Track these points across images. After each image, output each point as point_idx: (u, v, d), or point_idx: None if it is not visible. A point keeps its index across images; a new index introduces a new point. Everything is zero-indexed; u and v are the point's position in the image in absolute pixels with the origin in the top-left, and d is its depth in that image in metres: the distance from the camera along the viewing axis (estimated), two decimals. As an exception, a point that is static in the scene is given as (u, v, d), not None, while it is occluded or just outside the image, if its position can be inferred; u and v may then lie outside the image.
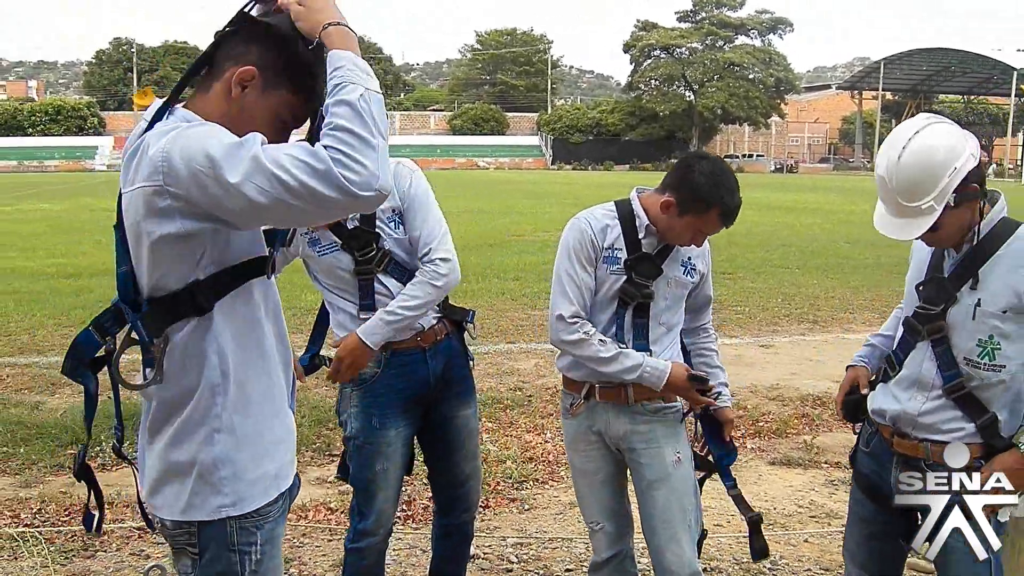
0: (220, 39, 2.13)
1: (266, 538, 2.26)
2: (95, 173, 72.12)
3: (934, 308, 2.85)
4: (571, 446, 3.51)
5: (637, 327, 3.32)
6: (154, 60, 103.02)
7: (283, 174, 1.84)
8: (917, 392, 2.90)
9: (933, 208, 2.68)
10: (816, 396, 7.85)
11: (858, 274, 15.00)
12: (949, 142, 2.68)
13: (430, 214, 3.46)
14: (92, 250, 17.53)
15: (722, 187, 3.13)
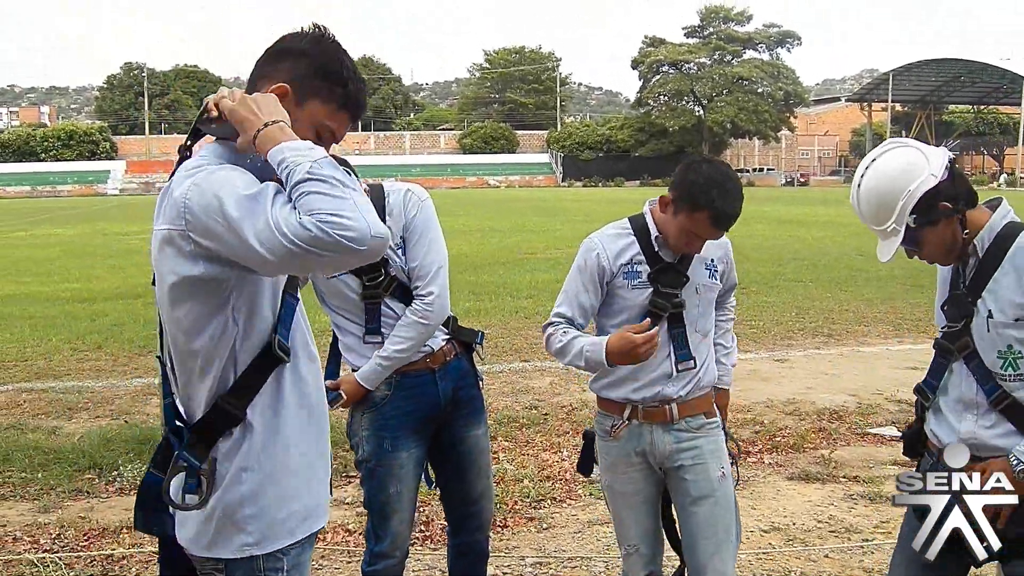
0: (254, 67, 2.22)
1: (292, 564, 2.27)
2: (108, 197, 72.55)
3: (957, 325, 2.85)
4: (610, 468, 3.48)
5: (676, 338, 3.33)
6: (165, 84, 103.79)
7: (287, 241, 1.87)
8: (966, 412, 2.87)
9: (896, 230, 2.77)
10: (832, 410, 7.82)
11: (871, 286, 14.95)
12: (901, 166, 2.76)
13: (431, 246, 3.48)
14: (106, 274, 17.62)
15: (716, 189, 3.08)
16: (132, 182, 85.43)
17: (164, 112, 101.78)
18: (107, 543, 5.13)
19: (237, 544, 2.20)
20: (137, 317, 12.41)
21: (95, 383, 8.97)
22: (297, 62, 2.16)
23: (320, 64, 2.17)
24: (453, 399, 3.63)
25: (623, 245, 3.32)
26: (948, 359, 2.90)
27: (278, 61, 2.18)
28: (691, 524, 3.36)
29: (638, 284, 3.31)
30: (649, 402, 3.35)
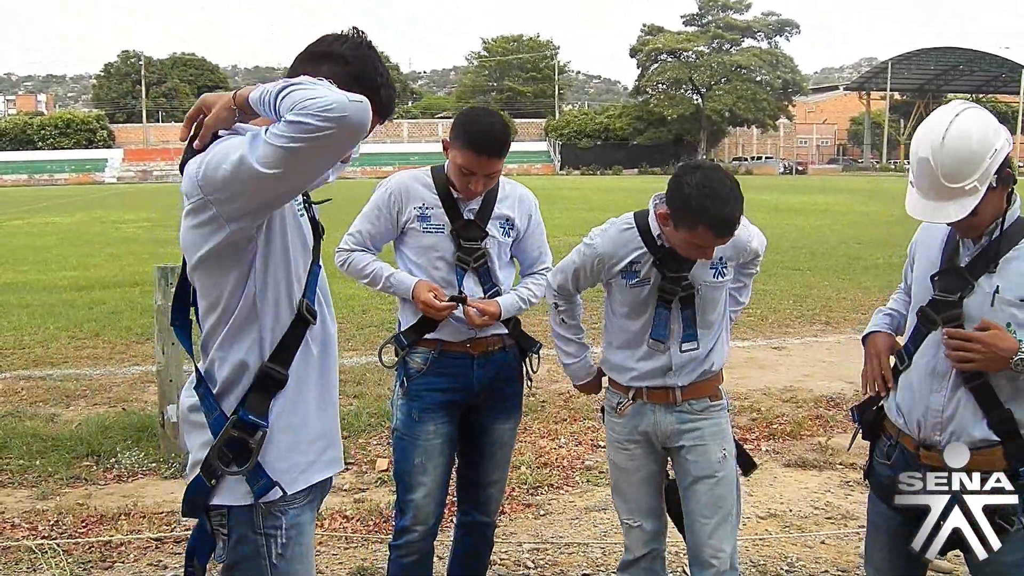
0: (291, 66, 2.36)
1: (291, 523, 2.33)
2: (105, 185, 72.41)
3: (951, 296, 2.84)
4: (614, 444, 3.53)
5: (685, 320, 3.35)
6: (162, 72, 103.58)
7: (280, 143, 1.98)
8: (934, 382, 2.87)
9: (976, 188, 2.67)
10: (830, 397, 7.84)
11: (869, 275, 14.97)
12: (989, 124, 2.71)
13: (544, 237, 3.90)
14: (104, 262, 17.61)
15: (710, 200, 3.00)
16: (129, 170, 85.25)
17: (162, 100, 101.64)
18: (105, 529, 5.14)
19: (241, 492, 2.27)
20: (135, 305, 12.39)
21: (93, 371, 8.97)
22: (335, 65, 2.27)
23: (357, 70, 2.29)
24: (489, 388, 3.70)
25: (625, 249, 3.33)
26: (928, 328, 2.91)
27: (318, 62, 2.29)
28: (691, 503, 3.39)
29: (636, 283, 3.33)
30: (653, 385, 3.39)
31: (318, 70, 2.25)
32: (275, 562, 2.31)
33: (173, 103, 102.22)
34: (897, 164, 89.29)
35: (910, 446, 2.96)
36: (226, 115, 2.18)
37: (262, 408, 2.26)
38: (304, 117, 1.95)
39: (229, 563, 2.32)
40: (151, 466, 6.12)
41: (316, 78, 2.10)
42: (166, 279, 6.05)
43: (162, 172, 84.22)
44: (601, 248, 3.37)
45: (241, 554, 2.30)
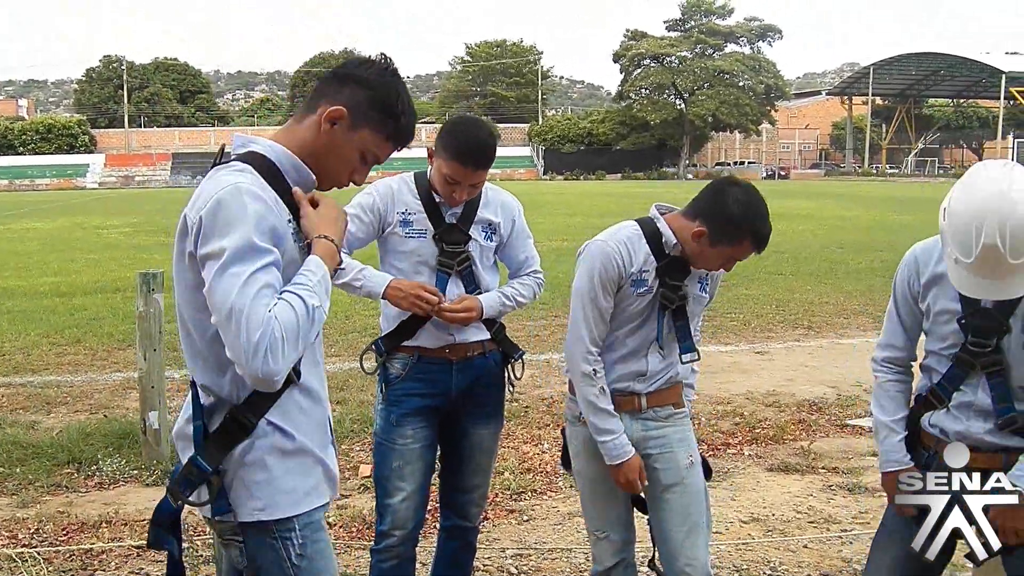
0: (316, 86, 2.39)
1: (304, 523, 2.33)
2: (87, 191, 72.08)
3: (988, 342, 2.80)
4: (580, 454, 3.48)
5: (680, 330, 3.34)
6: (144, 77, 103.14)
7: (233, 322, 2.05)
8: (976, 418, 2.87)
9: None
10: (812, 401, 7.86)
11: (851, 279, 15.03)
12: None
13: (531, 242, 3.88)
14: (86, 268, 17.52)
15: (756, 215, 3.09)
16: (111, 176, 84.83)
17: (144, 105, 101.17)
18: (86, 537, 5.11)
19: (248, 508, 2.27)
20: (116, 311, 12.34)
21: (73, 377, 8.93)
22: (358, 89, 2.30)
23: (379, 97, 2.31)
24: (468, 394, 3.69)
25: (639, 256, 3.26)
26: (968, 372, 2.87)
27: (342, 84, 2.31)
28: (662, 512, 3.37)
29: (645, 291, 3.27)
30: (618, 392, 3.34)
31: (340, 92, 2.30)
32: (296, 563, 2.32)
33: (155, 108, 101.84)
34: (879, 169, 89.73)
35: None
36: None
37: (219, 457, 2.25)
38: (255, 346, 2.04)
39: (251, 570, 2.35)
40: (133, 473, 6.09)
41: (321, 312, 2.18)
42: (148, 285, 6.03)
43: (144, 177, 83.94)
44: (617, 251, 3.23)
45: (263, 561, 2.32)
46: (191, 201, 2.21)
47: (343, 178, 2.39)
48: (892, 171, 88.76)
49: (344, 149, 2.31)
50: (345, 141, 2.30)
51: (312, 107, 2.32)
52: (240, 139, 2.36)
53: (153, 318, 6.07)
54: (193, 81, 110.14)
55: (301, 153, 2.31)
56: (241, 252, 2.07)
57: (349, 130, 2.29)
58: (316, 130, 2.30)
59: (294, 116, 2.37)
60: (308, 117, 2.32)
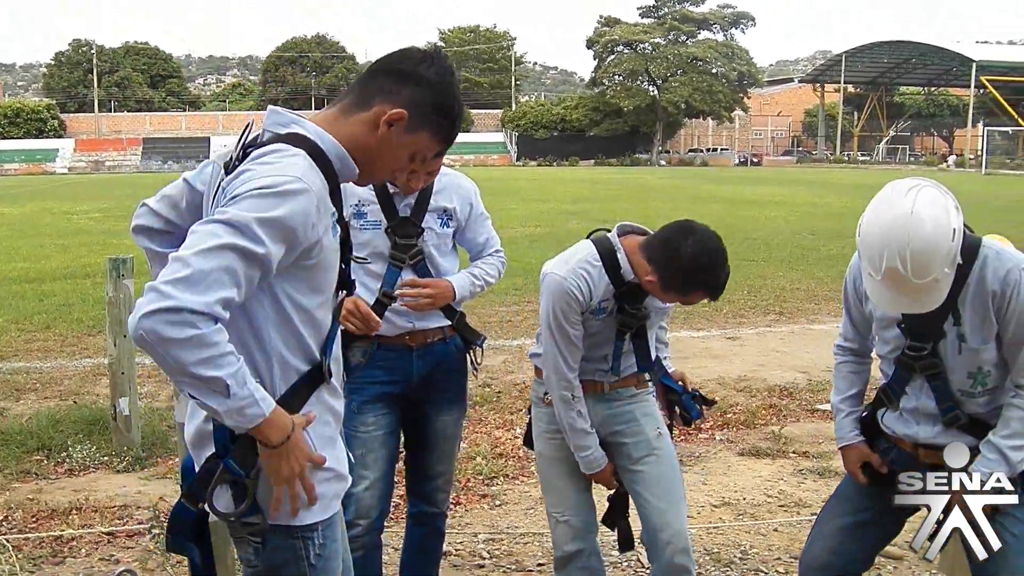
0: (367, 75, 2.27)
1: (327, 524, 2.30)
2: (56, 176, 71.38)
3: (924, 347, 2.86)
4: (543, 435, 3.50)
5: (639, 348, 3.38)
6: (114, 61, 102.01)
7: (177, 268, 1.89)
8: (925, 423, 2.93)
9: (947, 274, 2.66)
10: (783, 387, 7.92)
11: (822, 265, 15.12)
12: (943, 206, 2.65)
13: (489, 223, 3.82)
14: (55, 254, 17.36)
15: (708, 269, 3.07)
16: (81, 160, 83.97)
17: (114, 90, 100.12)
18: (56, 524, 5.09)
19: (275, 513, 2.20)
20: (86, 297, 12.25)
21: (43, 364, 8.86)
22: (419, 91, 2.21)
23: (440, 100, 2.24)
24: (428, 380, 3.66)
25: (600, 289, 3.26)
26: (910, 375, 2.94)
27: (402, 83, 2.21)
28: (638, 484, 3.38)
29: (602, 317, 3.30)
30: (584, 381, 3.38)
31: (399, 92, 2.20)
32: (313, 563, 2.27)
33: (126, 92, 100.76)
34: (850, 156, 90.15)
35: (907, 447, 3.01)
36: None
37: (252, 459, 2.14)
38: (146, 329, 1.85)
39: (264, 569, 2.26)
40: (103, 460, 6.06)
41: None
42: (117, 271, 5.99)
43: (114, 163, 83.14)
44: (577, 288, 3.23)
45: (279, 560, 2.25)
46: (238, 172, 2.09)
47: (387, 176, 2.38)
48: (864, 158, 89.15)
49: (398, 151, 2.24)
50: (400, 143, 2.23)
51: (365, 103, 2.21)
52: (280, 116, 2.21)
53: (123, 304, 6.03)
54: (164, 65, 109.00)
55: (348, 147, 2.19)
56: (241, 225, 1.95)
57: (406, 132, 2.21)
58: (369, 128, 2.20)
59: (338, 106, 2.25)
60: (358, 112, 2.21)
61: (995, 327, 2.78)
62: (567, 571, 3.51)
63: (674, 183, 44.99)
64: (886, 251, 2.63)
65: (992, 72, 78.90)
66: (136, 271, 6.17)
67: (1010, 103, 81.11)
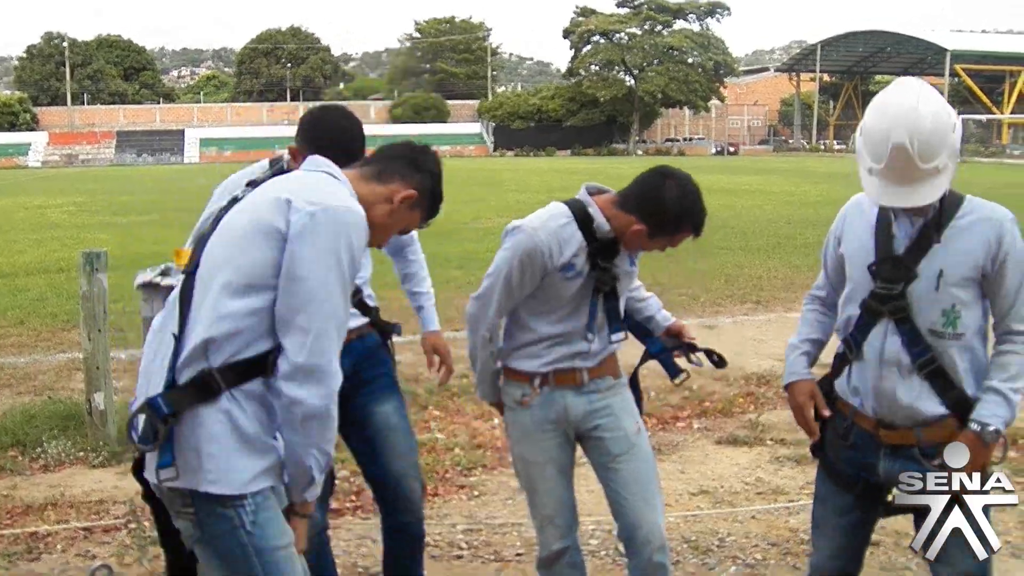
0: (386, 157, 2.72)
1: (256, 495, 2.37)
2: (29, 170, 70.80)
3: (895, 287, 2.85)
4: (522, 439, 3.42)
5: (610, 311, 3.33)
6: (87, 54, 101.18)
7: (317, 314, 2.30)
8: (886, 370, 2.89)
9: (947, 166, 2.70)
10: (760, 375, 7.94)
11: (799, 254, 15.18)
12: (942, 100, 2.75)
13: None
14: (28, 248, 17.24)
15: (693, 206, 3.15)
16: (54, 154, 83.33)
17: (87, 83, 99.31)
18: (32, 520, 5.05)
19: (199, 477, 2.32)
20: (60, 291, 12.16)
21: (17, 359, 8.79)
22: (426, 179, 2.69)
23: (436, 188, 2.73)
24: (352, 377, 3.56)
25: (569, 244, 3.22)
26: (875, 320, 2.92)
27: (416, 170, 2.68)
28: (616, 483, 3.36)
29: (575, 275, 3.24)
30: (560, 371, 3.33)
31: (414, 177, 2.65)
32: (250, 530, 2.35)
33: (99, 85, 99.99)
34: (826, 145, 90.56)
35: (868, 426, 2.98)
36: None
37: (177, 405, 2.31)
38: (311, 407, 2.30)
39: (205, 540, 2.38)
40: (79, 455, 6.01)
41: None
42: (91, 265, 5.94)
43: (88, 156, 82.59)
44: (547, 241, 3.19)
45: (217, 528, 2.35)
46: (289, 188, 2.42)
47: (375, 243, 2.66)
48: (839, 147, 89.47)
49: (397, 223, 2.67)
50: (401, 218, 2.65)
51: (385, 179, 2.62)
52: (319, 163, 2.57)
53: (97, 298, 5.98)
54: (137, 58, 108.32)
55: (367, 210, 2.49)
56: (340, 272, 2.34)
57: (408, 209, 2.65)
58: (382, 200, 2.59)
59: (358, 171, 2.62)
60: (375, 183, 2.60)
61: (980, 266, 2.78)
62: (553, 570, 3.48)
63: (651, 173, 44.96)
64: (893, 132, 2.67)
65: (966, 60, 79.51)
66: (110, 265, 6.13)
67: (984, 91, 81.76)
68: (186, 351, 2.32)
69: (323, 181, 2.48)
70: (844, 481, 3.09)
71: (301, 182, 2.46)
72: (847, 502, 3.10)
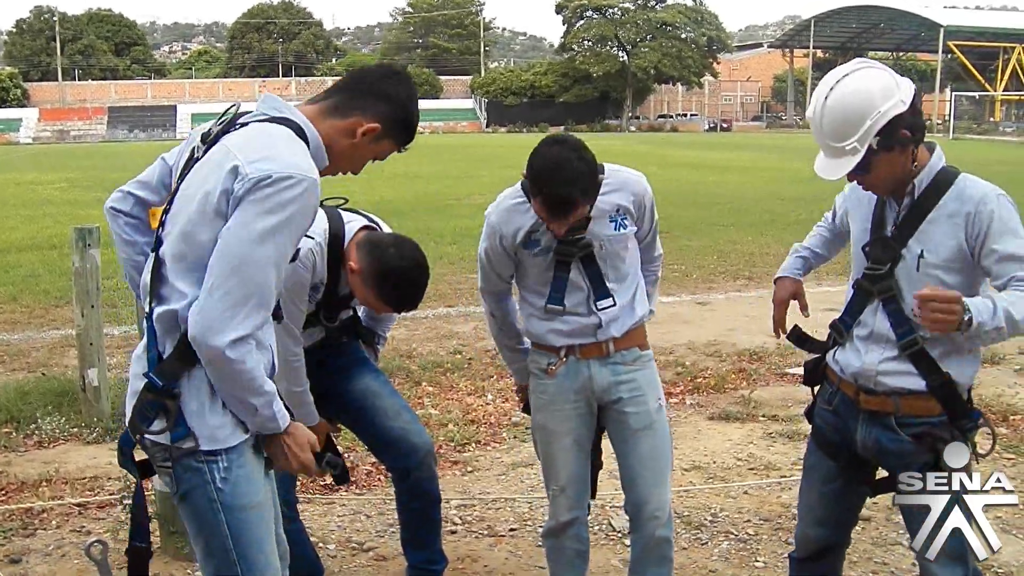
0: (348, 87, 2.59)
1: (231, 451, 2.39)
2: (20, 146, 70.44)
3: (881, 268, 2.87)
4: (545, 407, 3.45)
5: (593, 278, 3.30)
6: (77, 29, 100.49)
7: (233, 280, 2.23)
8: (874, 345, 2.91)
9: (856, 149, 2.72)
10: (752, 351, 7.96)
11: (791, 230, 15.16)
12: (876, 86, 2.72)
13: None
14: (20, 225, 17.17)
15: (545, 177, 3.03)
16: (46, 130, 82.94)
17: (78, 58, 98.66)
18: (26, 496, 5.06)
19: (177, 434, 2.34)
20: (52, 268, 12.12)
21: (10, 335, 8.79)
22: (391, 107, 2.55)
23: (405, 116, 2.59)
24: (319, 370, 3.60)
25: (522, 219, 3.27)
26: (867, 300, 2.94)
27: (376, 100, 2.54)
28: (632, 457, 3.39)
29: (540, 252, 3.28)
30: (583, 345, 3.35)
31: (375, 107, 2.53)
32: (220, 486, 2.37)
33: (90, 60, 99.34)
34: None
35: (850, 392, 3.00)
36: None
37: (172, 374, 2.33)
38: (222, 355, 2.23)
39: (181, 493, 2.40)
40: (73, 431, 6.02)
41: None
42: (84, 241, 5.92)
43: (80, 132, 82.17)
44: (497, 222, 3.31)
45: (190, 483, 2.38)
46: (238, 145, 2.33)
47: (346, 172, 2.63)
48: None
49: (365, 154, 2.60)
50: (368, 149, 2.58)
51: (344, 112, 2.52)
52: (274, 101, 2.50)
53: (90, 274, 5.97)
54: (128, 33, 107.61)
55: (329, 147, 2.50)
56: (279, 242, 2.27)
57: (374, 141, 2.56)
58: (344, 135, 2.51)
59: (319, 106, 2.54)
60: (336, 117, 2.51)
61: (963, 248, 2.77)
62: (560, 539, 3.53)
63: (643, 148, 44.96)
64: (811, 103, 2.83)
65: (959, 37, 79.32)
66: (102, 241, 6.11)
67: (977, 68, 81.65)
68: (161, 326, 2.35)
69: (274, 136, 2.37)
70: (829, 449, 3.12)
71: (249, 139, 2.36)
72: (831, 470, 3.13)
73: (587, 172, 3.06)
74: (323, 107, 2.53)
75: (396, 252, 3.33)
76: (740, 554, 4.45)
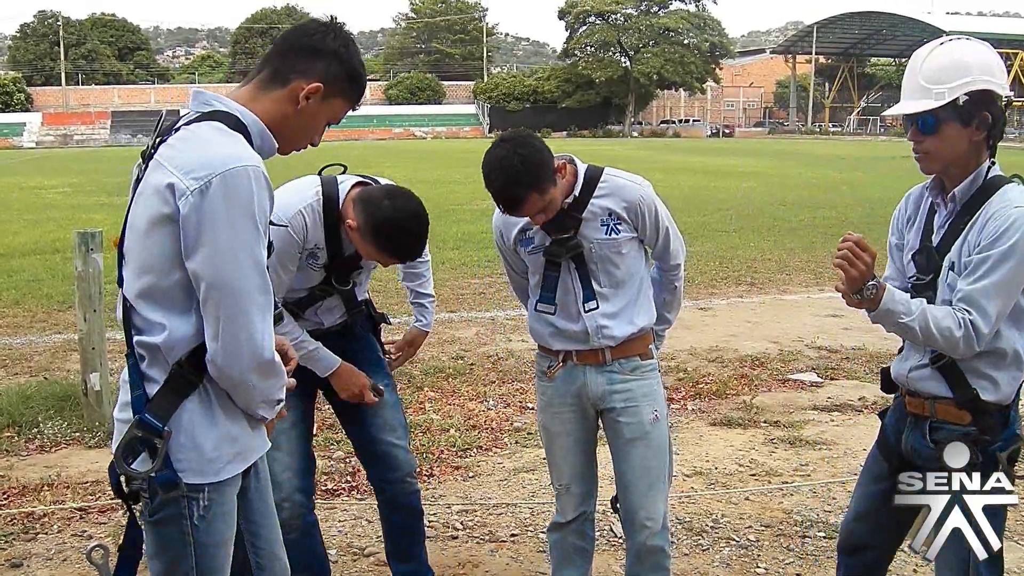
0: (278, 53, 2.44)
1: (215, 486, 2.34)
2: (24, 150, 70.54)
3: (926, 278, 2.86)
4: (545, 408, 3.52)
5: (582, 278, 3.33)
6: (81, 33, 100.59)
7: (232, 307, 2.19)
8: (912, 352, 2.93)
9: (943, 96, 2.67)
10: (754, 357, 7.96)
11: (793, 236, 15.18)
12: (995, 60, 2.75)
13: None
14: (23, 229, 17.18)
15: (488, 178, 3.14)
16: (49, 134, 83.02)
17: (81, 63, 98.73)
18: (28, 501, 5.06)
19: (166, 466, 2.27)
20: (55, 272, 12.12)
21: (13, 339, 8.79)
22: (330, 64, 2.40)
23: (349, 68, 2.44)
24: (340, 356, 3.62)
25: (515, 217, 3.31)
26: None
27: (314, 59, 2.39)
28: (624, 467, 3.41)
29: (533, 250, 3.36)
30: (581, 352, 3.38)
31: (313, 66, 2.39)
32: (196, 523, 2.31)
33: (93, 65, 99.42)
34: (822, 127, 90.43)
35: (902, 395, 3.01)
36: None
37: (167, 412, 2.27)
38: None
39: (153, 522, 2.32)
40: (74, 435, 6.02)
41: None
42: (87, 245, 5.93)
43: (83, 136, 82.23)
44: (497, 221, 3.47)
45: (165, 514, 2.30)
46: (170, 158, 2.22)
47: (305, 143, 2.48)
48: (835, 129, 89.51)
49: (316, 119, 2.43)
50: (317, 112, 2.42)
51: (282, 80, 2.38)
52: (203, 96, 2.38)
53: (92, 278, 5.98)
54: (132, 37, 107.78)
55: (268, 121, 2.36)
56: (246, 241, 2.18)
57: (321, 102, 2.40)
58: (288, 103, 2.37)
59: (254, 82, 2.41)
60: (275, 88, 2.38)
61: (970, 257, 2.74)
62: (563, 536, 3.59)
63: (645, 154, 44.99)
64: (918, 51, 2.86)
65: (962, 43, 79.19)
66: (105, 245, 6.11)
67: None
68: (146, 357, 2.31)
69: (203, 136, 2.25)
70: (886, 450, 3.11)
71: (179, 148, 2.24)
72: (883, 470, 3.10)
73: (527, 167, 3.09)
74: (258, 82, 2.40)
75: (390, 204, 3.31)
76: (741, 560, 4.44)
